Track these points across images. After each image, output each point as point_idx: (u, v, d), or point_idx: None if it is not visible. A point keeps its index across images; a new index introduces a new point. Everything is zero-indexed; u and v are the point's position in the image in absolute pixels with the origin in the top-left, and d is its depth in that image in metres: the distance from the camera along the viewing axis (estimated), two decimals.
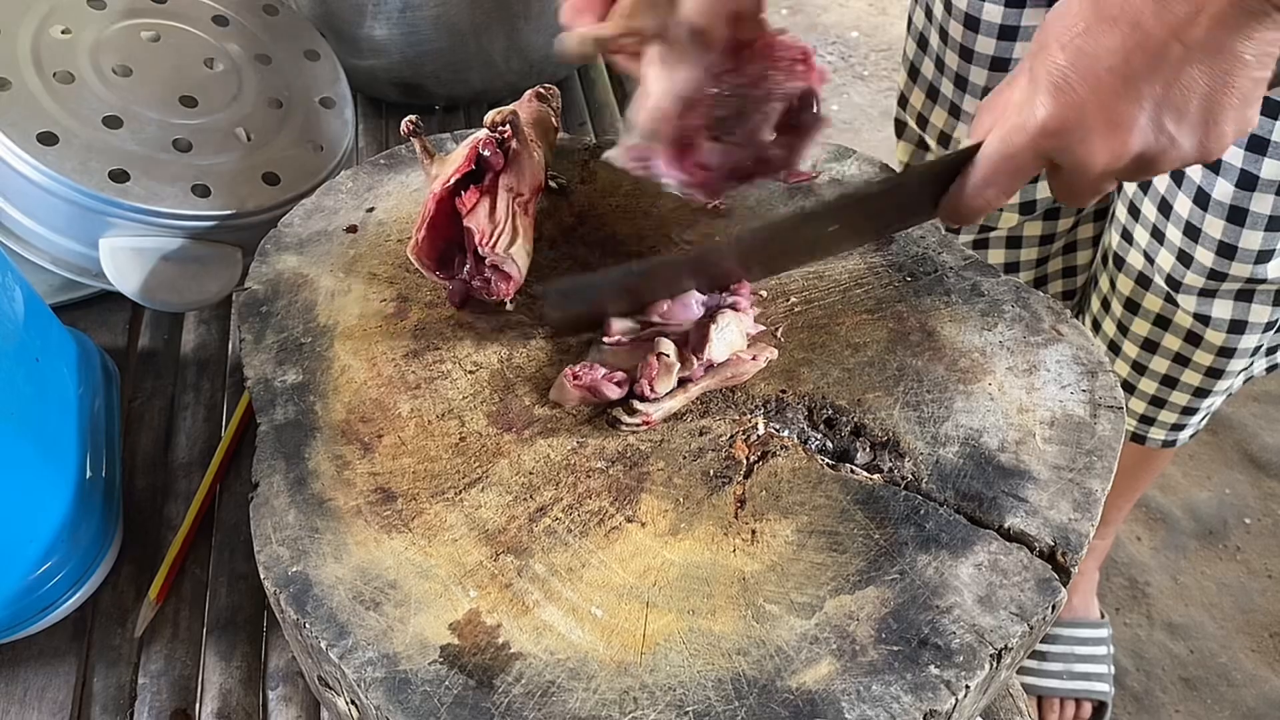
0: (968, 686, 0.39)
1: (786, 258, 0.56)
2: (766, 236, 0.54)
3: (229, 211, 0.67)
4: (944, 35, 0.85)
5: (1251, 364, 0.87)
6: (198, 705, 0.54)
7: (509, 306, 0.55)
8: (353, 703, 0.42)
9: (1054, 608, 0.42)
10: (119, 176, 0.63)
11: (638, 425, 0.49)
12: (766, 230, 0.56)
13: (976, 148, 0.47)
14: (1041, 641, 1.16)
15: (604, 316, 0.53)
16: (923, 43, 0.90)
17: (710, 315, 0.52)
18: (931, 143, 0.94)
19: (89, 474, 0.57)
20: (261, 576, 0.44)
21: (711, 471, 0.47)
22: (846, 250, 0.58)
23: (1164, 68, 0.41)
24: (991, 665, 0.40)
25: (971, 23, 0.81)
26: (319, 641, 0.41)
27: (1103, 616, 1.20)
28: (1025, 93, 0.44)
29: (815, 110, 0.54)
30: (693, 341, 0.50)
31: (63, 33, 0.68)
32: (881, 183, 0.54)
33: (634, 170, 0.53)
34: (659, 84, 0.50)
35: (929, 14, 0.87)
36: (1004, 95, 0.46)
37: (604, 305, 0.53)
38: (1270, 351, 0.87)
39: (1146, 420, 0.93)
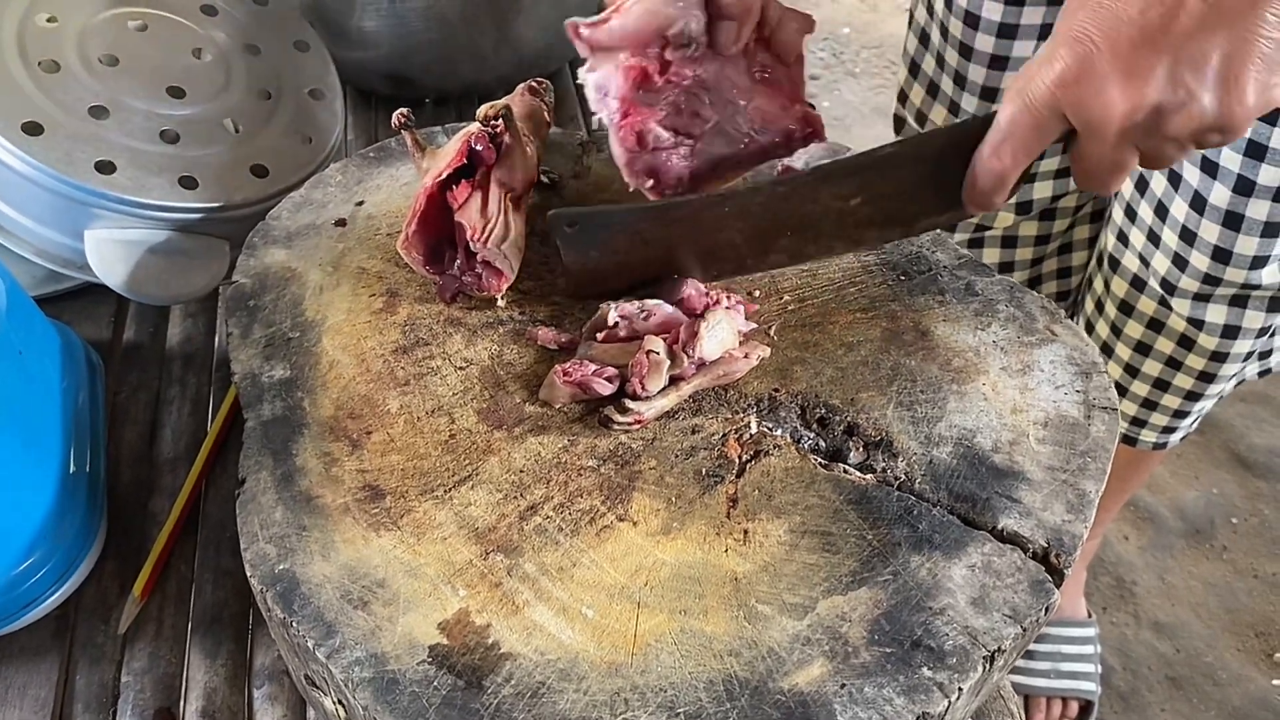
0: (960, 689, 0.39)
1: (810, 235, 0.53)
2: (786, 193, 0.51)
3: (216, 204, 0.66)
4: (945, 32, 0.85)
5: (1244, 368, 0.87)
6: (182, 703, 0.53)
7: (500, 302, 0.55)
8: (340, 702, 0.42)
9: (1047, 609, 0.41)
10: (105, 167, 0.62)
11: (629, 424, 0.48)
12: (786, 186, 0.52)
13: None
14: None
15: (623, 273, 0.50)
16: (924, 39, 0.89)
17: (701, 313, 0.51)
18: None
19: (73, 468, 0.56)
20: (248, 574, 0.43)
21: (704, 470, 0.47)
22: (873, 242, 0.55)
23: (1182, 20, 0.41)
24: (984, 667, 0.39)
25: (971, 20, 0.81)
26: (306, 640, 0.40)
27: (1090, 615, 1.20)
28: (1046, 50, 0.44)
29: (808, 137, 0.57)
30: (684, 339, 0.50)
31: (48, 21, 0.67)
32: (900, 143, 0.51)
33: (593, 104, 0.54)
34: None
35: (930, 10, 0.87)
36: (1030, 63, 0.46)
37: (620, 251, 0.49)
38: (1263, 355, 0.87)
39: (1137, 423, 0.93)
